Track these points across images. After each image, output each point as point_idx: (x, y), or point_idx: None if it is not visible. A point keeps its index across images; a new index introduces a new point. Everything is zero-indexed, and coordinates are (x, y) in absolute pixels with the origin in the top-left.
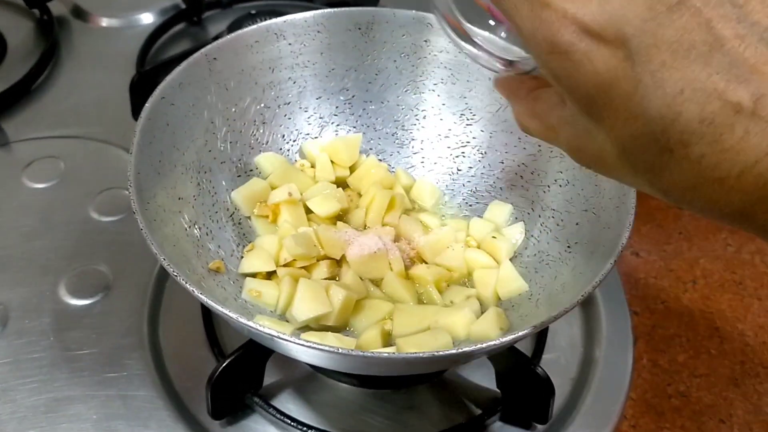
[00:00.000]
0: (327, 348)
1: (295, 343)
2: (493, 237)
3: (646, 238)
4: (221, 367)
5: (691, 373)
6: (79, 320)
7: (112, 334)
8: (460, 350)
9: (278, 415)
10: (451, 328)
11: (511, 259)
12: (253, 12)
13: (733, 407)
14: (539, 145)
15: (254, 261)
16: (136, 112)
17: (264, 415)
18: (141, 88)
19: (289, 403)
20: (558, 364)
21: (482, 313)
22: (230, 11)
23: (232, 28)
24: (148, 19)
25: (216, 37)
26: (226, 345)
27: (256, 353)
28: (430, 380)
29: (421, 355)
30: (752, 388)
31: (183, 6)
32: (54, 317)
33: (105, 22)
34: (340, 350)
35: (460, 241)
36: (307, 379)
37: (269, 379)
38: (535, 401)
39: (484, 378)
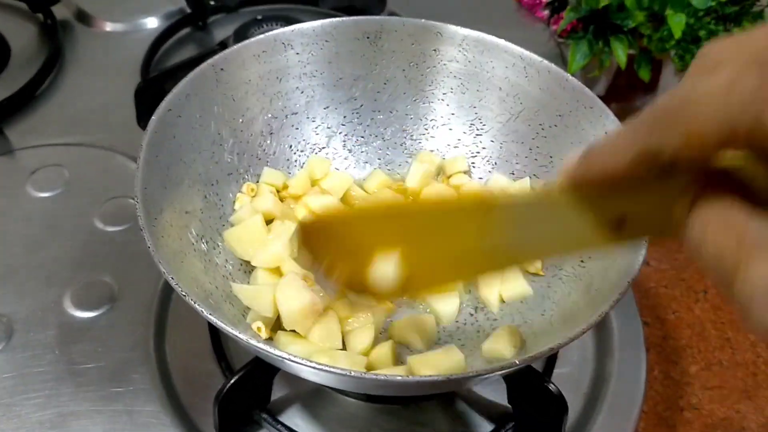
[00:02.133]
0: (338, 371)
1: (305, 365)
2: None
3: (657, 247)
4: (228, 384)
5: (702, 385)
6: (85, 333)
7: (117, 347)
8: (473, 374)
9: (286, 431)
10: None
11: (522, 274)
12: (259, 17)
13: (746, 420)
14: (551, 156)
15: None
16: (141, 119)
17: (272, 431)
18: (146, 94)
19: (296, 419)
20: (570, 378)
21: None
22: (236, 16)
23: (238, 33)
24: (152, 23)
25: (221, 42)
26: (234, 359)
27: (264, 369)
28: (440, 396)
29: (435, 378)
30: (765, 400)
31: (188, 10)
32: (59, 330)
33: (109, 26)
34: (353, 373)
35: None
36: (315, 395)
37: (277, 394)
38: (548, 418)
39: (495, 393)
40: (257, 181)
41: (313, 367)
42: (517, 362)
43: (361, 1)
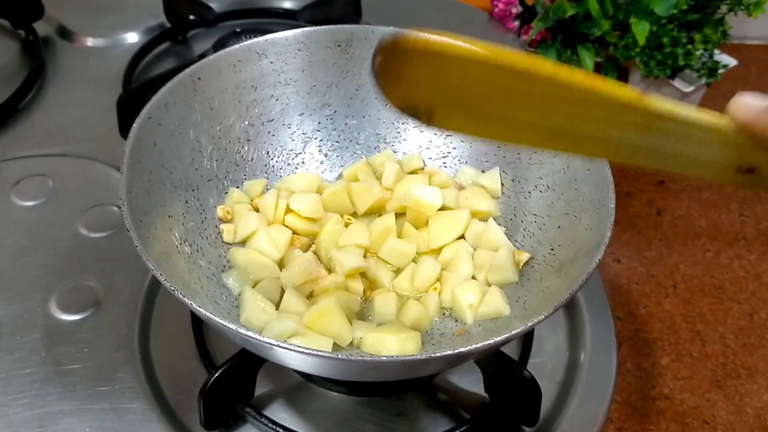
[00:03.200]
0: (322, 354)
1: (290, 350)
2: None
3: (627, 245)
4: (213, 378)
5: (674, 376)
6: (70, 335)
7: (103, 348)
8: (456, 351)
9: (270, 425)
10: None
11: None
12: (237, 30)
13: (716, 408)
14: (518, 153)
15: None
16: (123, 129)
17: (256, 425)
18: (128, 105)
19: (280, 413)
20: (544, 368)
21: None
22: (215, 30)
23: (216, 47)
24: (133, 38)
25: (201, 56)
26: (217, 357)
27: (247, 363)
28: (419, 387)
29: (419, 356)
30: (734, 389)
31: (168, 25)
32: (45, 333)
33: (90, 41)
34: (339, 356)
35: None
36: (298, 389)
37: (261, 389)
38: (523, 404)
39: (472, 383)
40: (237, 187)
41: (297, 351)
42: (495, 340)
43: (337, 14)
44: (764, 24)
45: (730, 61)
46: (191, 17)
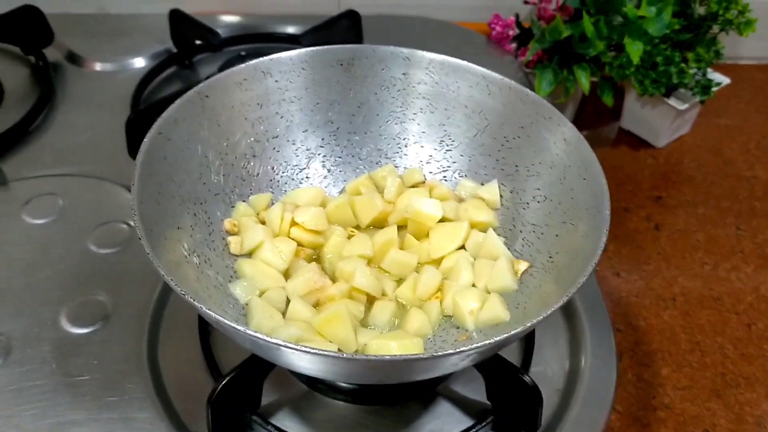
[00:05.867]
0: (331, 354)
1: (297, 350)
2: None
3: (626, 259)
4: (220, 386)
5: (674, 386)
6: (80, 348)
7: (112, 360)
8: (459, 349)
9: None
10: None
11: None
12: (243, 54)
13: (716, 417)
14: (516, 165)
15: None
16: (132, 150)
17: None
18: (136, 126)
19: (287, 421)
20: (545, 376)
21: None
22: (220, 54)
23: (222, 70)
24: (140, 63)
25: (207, 78)
26: (224, 366)
27: (253, 372)
28: (422, 395)
29: (422, 356)
30: (734, 398)
31: (174, 50)
32: (55, 345)
33: (99, 66)
34: (345, 355)
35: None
36: (304, 398)
37: (267, 398)
38: (524, 410)
39: (475, 392)
40: (244, 201)
41: (305, 351)
42: (495, 339)
43: (338, 38)
44: (757, 44)
45: (723, 79)
46: (197, 42)
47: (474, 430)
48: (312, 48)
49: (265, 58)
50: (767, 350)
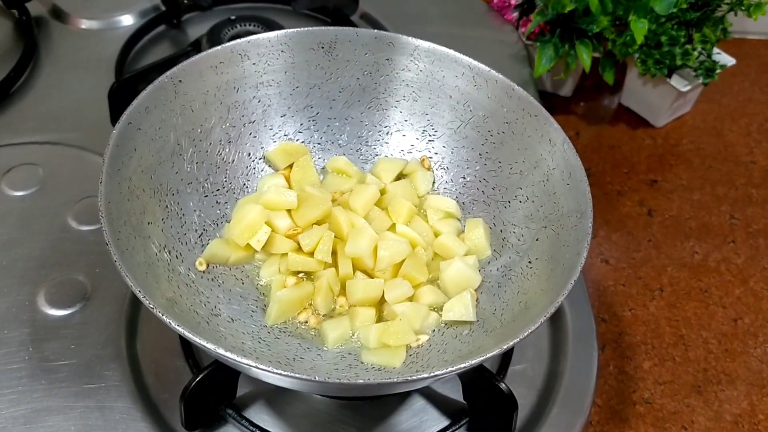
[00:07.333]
0: (302, 377)
1: (269, 371)
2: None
3: (616, 246)
4: (195, 381)
5: (655, 380)
6: (58, 331)
7: (90, 345)
8: (431, 374)
9: (251, 427)
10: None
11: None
12: (232, 17)
13: (695, 414)
14: (499, 161)
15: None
16: (114, 119)
17: (237, 426)
18: (120, 95)
19: (262, 414)
20: (525, 375)
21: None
22: (210, 14)
23: (211, 32)
24: (127, 21)
25: (195, 41)
26: (202, 356)
27: (229, 368)
28: (400, 392)
29: (394, 379)
30: (714, 395)
31: (163, 8)
32: (32, 328)
33: (84, 23)
34: (316, 378)
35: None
36: (280, 391)
37: (242, 390)
38: (500, 415)
39: (453, 390)
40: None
41: (275, 373)
42: (470, 362)
43: (334, 1)
44: (765, 19)
45: (729, 60)
46: (186, 1)
47: (451, 429)
48: (292, 30)
49: (243, 39)
50: (751, 346)
